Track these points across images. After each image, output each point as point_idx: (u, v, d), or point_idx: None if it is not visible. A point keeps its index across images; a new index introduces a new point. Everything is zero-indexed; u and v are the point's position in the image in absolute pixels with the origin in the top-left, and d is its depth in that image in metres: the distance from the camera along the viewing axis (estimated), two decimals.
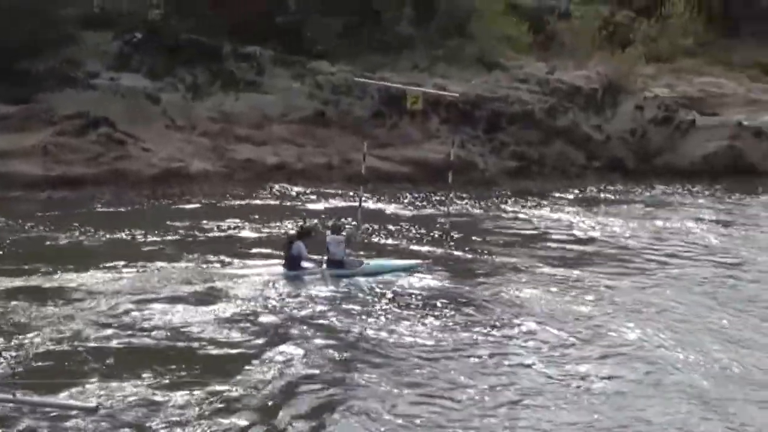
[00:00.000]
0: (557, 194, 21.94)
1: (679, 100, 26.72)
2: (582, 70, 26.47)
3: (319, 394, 8.59)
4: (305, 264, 13.00)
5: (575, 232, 17.36)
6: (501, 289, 12.46)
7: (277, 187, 20.65)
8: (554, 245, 15.87)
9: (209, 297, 11.55)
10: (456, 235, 15.92)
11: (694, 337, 10.47)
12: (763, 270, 14.21)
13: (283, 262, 13.06)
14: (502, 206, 19.94)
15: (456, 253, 14.79)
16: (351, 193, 19.25)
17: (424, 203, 19.92)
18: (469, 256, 14.66)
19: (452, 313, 11.20)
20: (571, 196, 21.78)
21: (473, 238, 16.10)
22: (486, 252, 14.97)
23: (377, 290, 12.32)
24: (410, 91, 16.84)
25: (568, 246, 15.82)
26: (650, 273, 13.82)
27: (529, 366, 9.44)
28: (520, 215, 19.01)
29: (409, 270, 13.44)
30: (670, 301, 12.08)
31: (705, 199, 22.31)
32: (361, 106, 22.84)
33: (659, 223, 18.53)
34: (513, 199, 20.96)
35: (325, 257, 13.17)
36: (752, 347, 10.27)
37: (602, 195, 22.34)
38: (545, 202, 20.69)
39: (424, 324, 10.67)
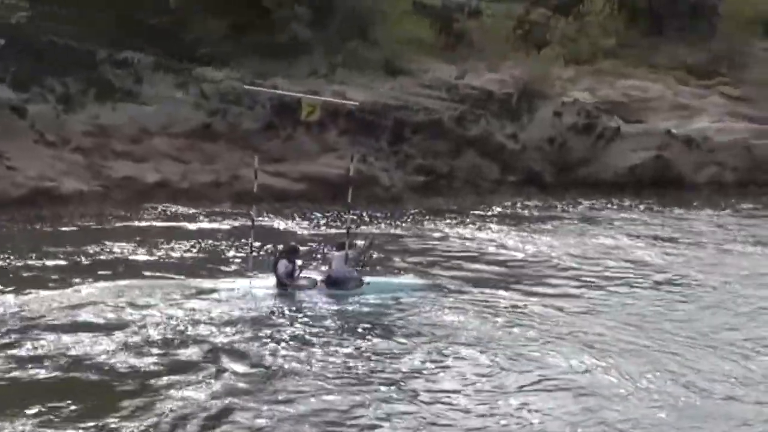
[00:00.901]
0: (475, 211, 26.09)
1: (600, 106, 32.18)
2: (494, 74, 31.70)
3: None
4: (300, 281, 16.65)
5: (501, 251, 20.87)
6: (426, 313, 15.33)
7: (159, 208, 24.31)
8: (479, 266, 19.24)
9: (109, 323, 13.87)
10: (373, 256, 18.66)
11: (632, 366, 12.67)
12: (706, 291, 17.49)
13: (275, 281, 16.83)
14: (412, 224, 23.97)
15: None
16: (243, 213, 22.74)
17: (324, 222, 23.85)
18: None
19: (373, 337, 13.86)
20: (489, 213, 26.10)
21: (395, 258, 19.51)
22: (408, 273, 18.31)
23: (331, 310, 15.54)
24: (306, 100, 19.22)
25: (494, 267, 19.20)
26: (585, 295, 16.95)
27: (449, 397, 11.46)
28: (436, 234, 22.77)
29: (415, 290, 16.84)
30: (607, 325, 14.75)
31: (637, 214, 27.08)
32: (252, 117, 27.20)
33: (592, 240, 22.47)
34: (425, 217, 25.02)
35: (324, 275, 16.85)
36: (692, 374, 12.49)
37: (525, 211, 26.84)
38: (465, 220, 24.77)
39: (344, 348, 13.16)
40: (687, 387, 12.08)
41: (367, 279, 17.08)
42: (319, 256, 19.45)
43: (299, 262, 17.03)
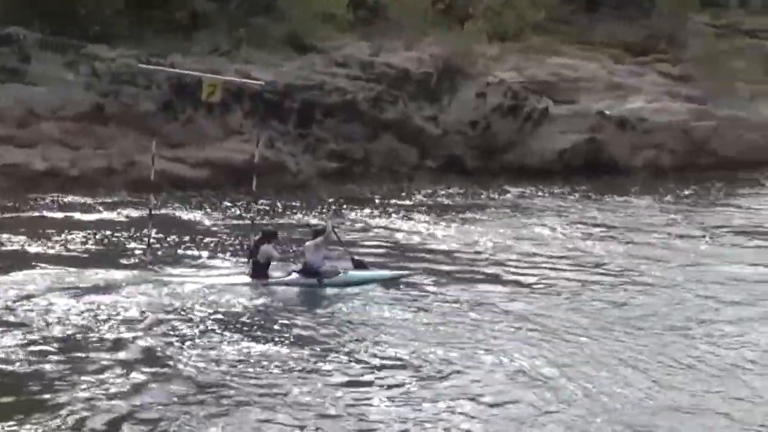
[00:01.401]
0: (394, 200, 28.31)
1: (528, 86, 34.99)
2: (413, 51, 34.32)
3: None
4: (279, 266, 18.45)
5: (430, 242, 22.60)
6: (357, 309, 16.71)
7: (48, 198, 25.95)
8: (409, 258, 20.86)
9: (7, 321, 14.79)
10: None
11: (578, 360, 13.99)
12: (652, 281, 19.16)
13: (247, 270, 18.37)
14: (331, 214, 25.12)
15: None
16: (141, 202, 24.73)
17: (228, 211, 25.77)
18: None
19: (298, 332, 15.08)
20: (410, 202, 28.37)
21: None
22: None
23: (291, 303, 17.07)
24: (206, 80, 20.24)
25: (426, 259, 20.72)
26: (524, 288, 18.42)
27: (385, 398, 12.42)
28: (358, 225, 24.52)
29: (392, 280, 18.62)
30: (550, 319, 16.16)
31: (571, 201, 29.66)
32: (148, 98, 29.27)
33: (526, 230, 24.43)
34: (343, 206, 26.90)
35: (299, 266, 18.52)
36: (639, 366, 13.81)
37: (449, 199, 29.21)
38: (387, 210, 26.77)
39: (270, 344, 14.25)
40: (633, 379, 13.40)
41: (341, 268, 18.92)
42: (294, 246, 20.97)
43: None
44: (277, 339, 14.73)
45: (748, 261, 21.44)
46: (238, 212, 25.93)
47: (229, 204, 26.90)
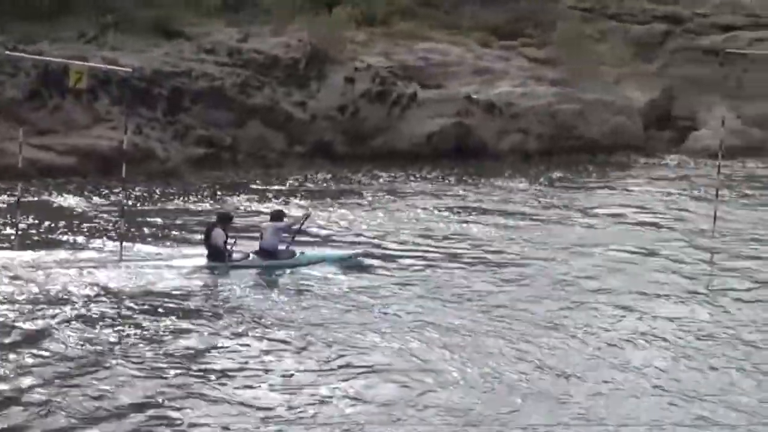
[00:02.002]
0: (266, 186, 30.32)
1: (396, 71, 37.69)
2: (281, 37, 36.74)
3: None
4: (233, 254, 20.03)
5: (311, 228, 23.65)
6: (244, 295, 18.26)
7: None
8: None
9: None
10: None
11: (456, 347, 15.33)
12: (533, 265, 21.12)
13: (206, 252, 20.10)
14: (205, 199, 27.87)
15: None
16: (7, 189, 26.01)
17: (98, 198, 27.59)
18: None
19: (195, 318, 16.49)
20: (282, 187, 30.41)
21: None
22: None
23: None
24: (73, 66, 21.46)
25: (307, 244, 22.09)
26: (404, 274, 20.11)
27: (264, 382, 13.63)
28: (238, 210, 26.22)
29: (346, 260, 20.74)
30: (428, 305, 17.67)
31: (447, 185, 32.07)
32: (14, 86, 31.09)
33: (401, 214, 26.51)
34: (218, 192, 29.02)
35: (257, 246, 20.42)
36: (518, 354, 15.16)
37: (319, 185, 31.33)
38: (267, 195, 28.73)
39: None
40: (511, 368, 14.70)
41: (299, 250, 20.98)
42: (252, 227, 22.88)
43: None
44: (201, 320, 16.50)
45: (621, 242, 23.87)
46: (109, 199, 27.54)
47: (99, 190, 28.65)
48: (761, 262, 22.15)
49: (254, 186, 30.82)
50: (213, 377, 13.95)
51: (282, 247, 20.93)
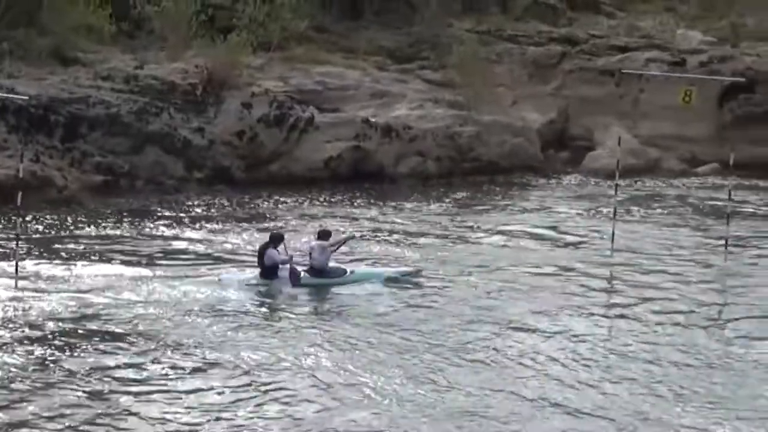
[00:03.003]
0: (164, 212, 31.91)
1: (293, 95, 39.82)
2: (177, 63, 38.72)
3: None
4: (282, 270, 22.64)
5: (216, 251, 26.30)
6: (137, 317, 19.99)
7: None
8: (200, 265, 24.63)
9: None
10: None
11: (370, 366, 17.00)
12: (447, 283, 23.31)
13: (259, 270, 22.77)
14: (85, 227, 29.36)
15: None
16: None
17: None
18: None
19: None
20: (181, 214, 31.88)
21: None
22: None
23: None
24: None
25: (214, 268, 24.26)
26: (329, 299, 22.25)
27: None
28: (127, 235, 28.22)
29: (399, 278, 23.29)
30: (343, 325, 19.77)
31: (345, 208, 34.00)
32: None
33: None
34: (109, 218, 30.50)
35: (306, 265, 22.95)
36: (431, 371, 16.81)
37: (219, 210, 32.92)
38: (158, 221, 30.28)
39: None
40: (423, 381, 16.45)
41: (349, 268, 23.55)
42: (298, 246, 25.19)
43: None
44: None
45: (521, 262, 26.09)
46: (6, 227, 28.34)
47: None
48: (659, 278, 24.53)
49: (157, 212, 32.34)
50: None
51: (332, 264, 23.41)
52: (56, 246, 26.54)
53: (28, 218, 24.93)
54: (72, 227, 29.67)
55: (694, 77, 39.51)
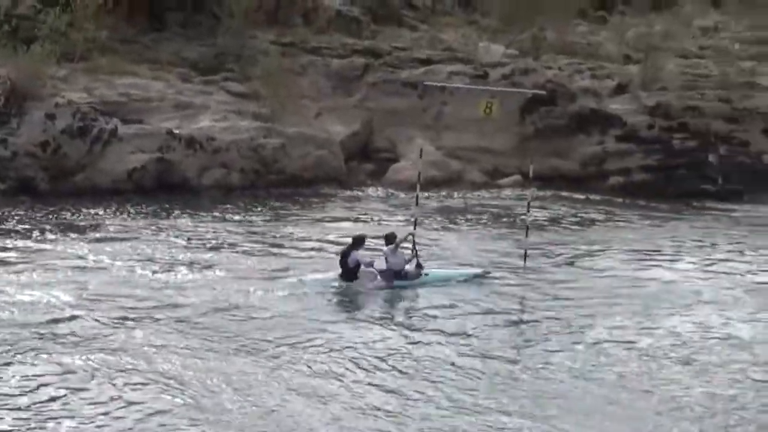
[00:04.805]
0: None
1: (97, 106, 42.85)
2: None
3: None
4: (365, 270, 26.13)
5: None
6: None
7: None
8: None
9: None
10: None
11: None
12: (244, 300, 25.49)
13: (339, 272, 26.17)
14: None
15: None
16: None
17: None
18: None
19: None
20: None
21: None
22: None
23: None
24: None
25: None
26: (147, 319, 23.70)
27: None
28: None
29: (473, 278, 27.20)
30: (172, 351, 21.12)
31: (162, 220, 36.39)
32: None
33: (108, 248, 30.73)
34: None
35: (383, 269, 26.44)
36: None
37: (26, 224, 34.73)
38: None
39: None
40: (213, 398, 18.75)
41: (425, 270, 27.20)
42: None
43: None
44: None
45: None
46: None
47: None
48: (458, 290, 27.56)
49: None
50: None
51: (409, 267, 27.14)
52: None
53: None
54: None
55: (495, 90, 42.38)
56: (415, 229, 29.53)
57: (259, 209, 40.47)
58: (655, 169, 50.39)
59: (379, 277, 26.94)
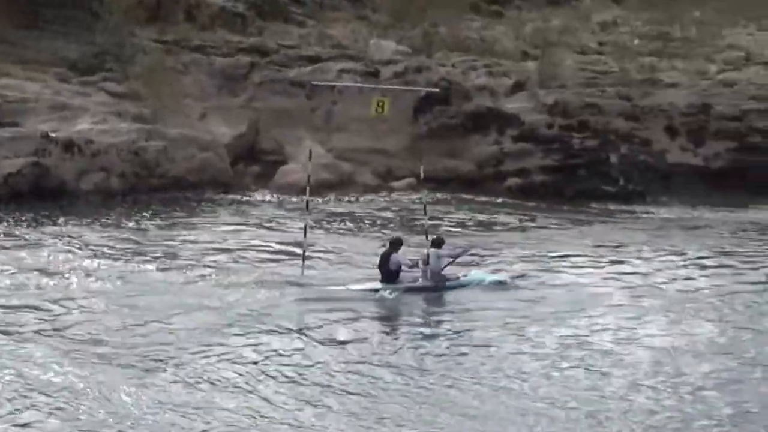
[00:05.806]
0: None
1: None
2: None
3: None
4: (406, 272, 27.76)
5: None
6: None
7: None
8: None
9: None
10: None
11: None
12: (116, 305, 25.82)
13: (380, 276, 27.62)
14: None
15: None
16: None
17: None
18: None
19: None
20: None
21: None
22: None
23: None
24: None
25: None
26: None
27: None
28: None
29: (505, 282, 28.64)
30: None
31: (39, 225, 36.43)
32: None
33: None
34: None
35: (423, 270, 27.94)
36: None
37: None
38: None
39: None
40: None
41: (462, 273, 28.74)
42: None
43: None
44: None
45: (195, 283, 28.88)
46: None
47: None
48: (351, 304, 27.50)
49: None
50: None
51: (445, 271, 28.47)
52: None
53: None
54: None
55: (387, 88, 42.60)
56: (305, 237, 29.96)
57: (143, 214, 40.53)
58: (554, 169, 51.20)
59: (420, 279, 28.63)
